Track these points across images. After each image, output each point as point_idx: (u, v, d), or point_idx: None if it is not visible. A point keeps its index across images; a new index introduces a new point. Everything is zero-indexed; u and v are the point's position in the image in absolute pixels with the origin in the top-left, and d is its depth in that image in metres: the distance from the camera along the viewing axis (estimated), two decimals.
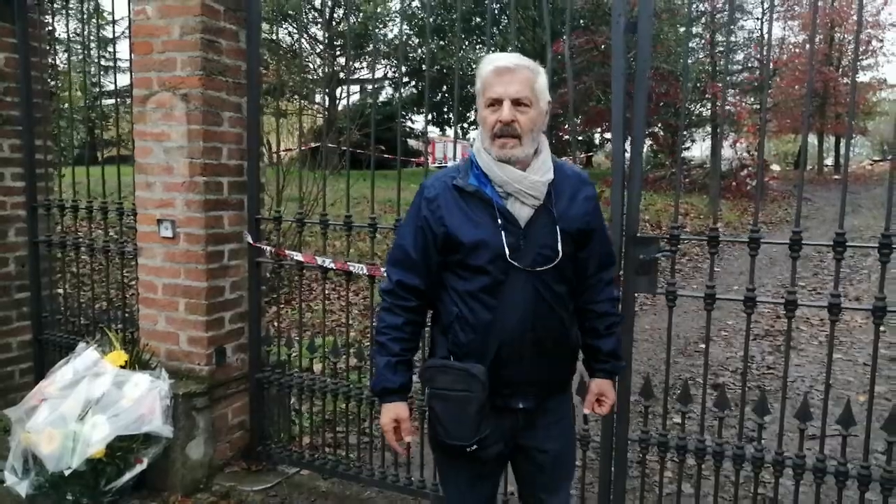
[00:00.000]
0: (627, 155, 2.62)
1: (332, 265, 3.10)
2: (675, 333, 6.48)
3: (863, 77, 25.08)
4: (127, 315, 3.70)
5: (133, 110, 3.26)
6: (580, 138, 19.65)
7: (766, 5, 20.40)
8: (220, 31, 3.14)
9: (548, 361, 1.90)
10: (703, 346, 6.07)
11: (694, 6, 17.20)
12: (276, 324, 3.47)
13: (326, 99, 18.39)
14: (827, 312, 2.33)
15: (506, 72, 1.80)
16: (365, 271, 3.02)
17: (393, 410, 1.93)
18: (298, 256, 3.18)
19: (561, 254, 1.83)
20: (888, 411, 2.35)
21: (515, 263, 1.80)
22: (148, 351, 3.28)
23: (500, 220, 1.81)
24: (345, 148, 3.68)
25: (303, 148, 6.85)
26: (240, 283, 3.35)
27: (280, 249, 3.25)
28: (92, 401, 2.96)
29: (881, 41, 24.49)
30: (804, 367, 5.30)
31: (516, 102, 1.79)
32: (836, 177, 26.53)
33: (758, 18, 22.48)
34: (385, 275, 2.04)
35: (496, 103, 1.80)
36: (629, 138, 2.61)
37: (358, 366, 3.19)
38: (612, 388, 2.07)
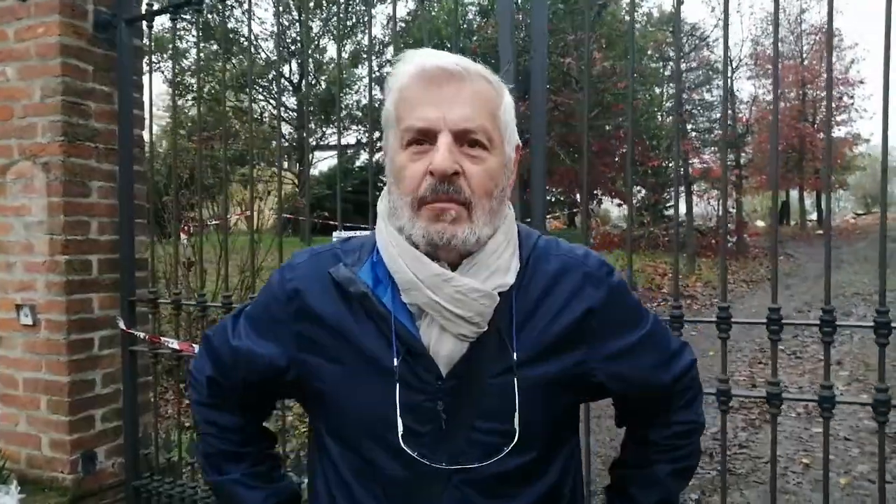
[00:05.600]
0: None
1: None
2: None
3: (838, 132, 25.25)
4: None
5: None
6: (554, 199, 19.49)
7: (734, 64, 20.68)
8: (88, 93, 2.82)
9: None
10: None
11: (664, 67, 17.33)
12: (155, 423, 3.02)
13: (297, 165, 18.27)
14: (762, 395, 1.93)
15: (444, 78, 0.93)
16: None
17: None
18: (174, 344, 2.76)
19: (518, 433, 0.97)
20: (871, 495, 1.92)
21: (419, 458, 0.96)
22: (3, 457, 2.82)
23: (396, 360, 0.96)
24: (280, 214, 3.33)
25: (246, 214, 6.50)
26: (115, 375, 2.92)
27: (154, 336, 2.83)
28: None
29: (852, 98, 24.72)
30: (781, 444, 4.83)
31: (463, 137, 0.93)
32: (819, 232, 26.45)
33: (728, 77, 22.72)
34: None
35: (424, 138, 0.94)
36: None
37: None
38: None
